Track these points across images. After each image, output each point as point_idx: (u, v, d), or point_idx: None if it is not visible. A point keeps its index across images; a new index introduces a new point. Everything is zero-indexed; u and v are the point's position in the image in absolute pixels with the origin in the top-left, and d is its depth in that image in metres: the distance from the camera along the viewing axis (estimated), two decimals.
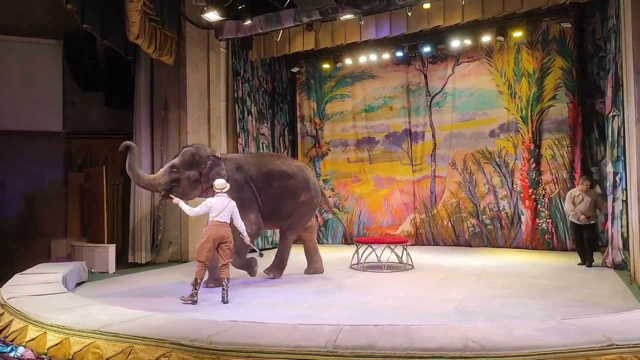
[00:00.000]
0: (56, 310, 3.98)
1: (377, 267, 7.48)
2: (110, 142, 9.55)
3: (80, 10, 6.85)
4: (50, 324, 3.64)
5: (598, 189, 8.26)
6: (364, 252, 7.73)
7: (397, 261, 7.68)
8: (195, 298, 5.25)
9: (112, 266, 7.77)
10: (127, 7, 7.17)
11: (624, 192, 6.74)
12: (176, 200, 5.81)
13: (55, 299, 4.50)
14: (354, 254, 7.83)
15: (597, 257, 7.71)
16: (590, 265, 7.20)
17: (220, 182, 5.67)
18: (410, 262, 7.65)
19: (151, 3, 7.66)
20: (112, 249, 7.85)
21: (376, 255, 7.61)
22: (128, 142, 6.08)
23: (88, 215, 8.94)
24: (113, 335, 3.33)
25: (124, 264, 8.41)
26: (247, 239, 5.73)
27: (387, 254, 7.65)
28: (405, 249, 7.74)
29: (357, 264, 7.68)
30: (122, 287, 6.55)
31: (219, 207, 5.45)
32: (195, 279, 5.33)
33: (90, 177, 8.82)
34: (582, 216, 7.22)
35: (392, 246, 7.75)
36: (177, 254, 8.77)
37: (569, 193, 7.70)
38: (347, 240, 10.02)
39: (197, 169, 6.24)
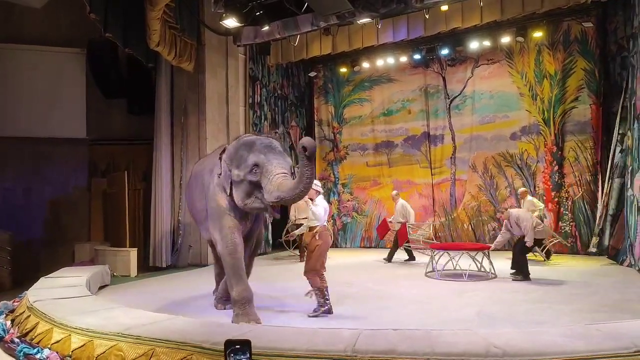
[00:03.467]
0: (80, 313, 4.06)
1: (456, 275, 6.85)
2: (133, 149, 9.78)
3: (103, 20, 7.02)
4: (74, 327, 3.71)
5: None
6: (439, 258, 7.11)
7: (476, 269, 6.93)
8: (328, 306, 4.82)
9: (134, 270, 7.89)
10: (148, 16, 7.31)
11: None
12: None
13: (80, 302, 4.59)
14: (430, 261, 7.21)
15: (614, 261, 7.54)
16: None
17: (316, 180, 5.10)
18: (493, 271, 6.86)
19: (171, 11, 7.81)
20: (133, 253, 7.98)
21: (453, 263, 6.98)
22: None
23: (111, 220, 9.12)
24: (135, 338, 3.37)
25: (145, 267, 8.53)
26: None
27: (467, 261, 6.92)
28: (487, 256, 6.98)
29: (433, 271, 7.05)
30: (143, 290, 6.65)
31: (327, 208, 5.10)
32: (320, 288, 4.81)
33: (113, 183, 9.00)
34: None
35: (472, 253, 7.04)
36: (197, 257, 8.86)
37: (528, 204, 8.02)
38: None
39: None
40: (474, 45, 9.57)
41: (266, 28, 8.53)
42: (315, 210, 4.94)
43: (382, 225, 9.40)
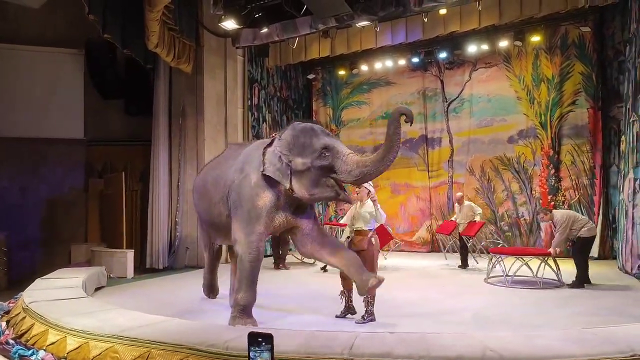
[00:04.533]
0: (76, 314, 4.04)
1: (526, 282, 6.40)
2: (130, 149, 9.76)
3: (101, 20, 7.02)
4: (70, 328, 3.69)
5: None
6: (495, 263, 6.73)
7: (532, 275, 6.43)
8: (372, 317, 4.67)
9: (130, 271, 7.87)
10: (147, 17, 7.30)
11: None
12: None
13: (75, 304, 4.57)
14: (489, 266, 6.87)
15: (612, 265, 7.57)
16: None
17: None
18: (560, 278, 6.44)
19: (170, 13, 7.81)
20: (130, 254, 7.95)
21: (530, 268, 6.43)
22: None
23: (107, 221, 9.10)
24: (131, 340, 3.36)
25: (142, 269, 8.51)
26: None
27: (527, 266, 6.44)
28: (556, 262, 6.45)
29: (493, 277, 6.77)
30: (140, 292, 6.63)
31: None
32: (373, 295, 4.63)
33: (110, 184, 8.99)
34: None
35: (543, 257, 6.43)
36: (194, 259, 8.85)
37: (454, 206, 8.42)
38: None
39: None
40: (472, 48, 9.60)
41: (265, 30, 8.54)
42: (381, 212, 4.83)
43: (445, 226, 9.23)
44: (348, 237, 5.00)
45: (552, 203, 9.16)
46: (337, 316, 4.84)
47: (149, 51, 7.98)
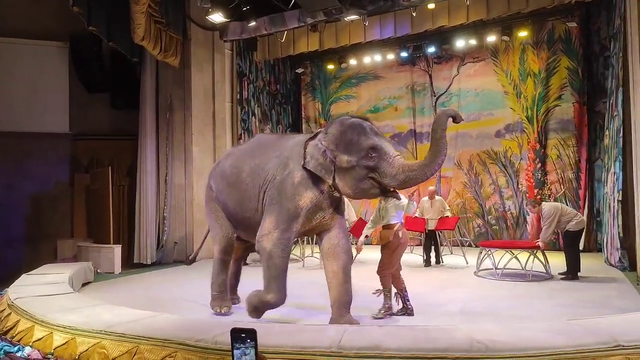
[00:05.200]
0: (63, 310, 4.00)
1: (515, 275, 6.47)
2: (116, 144, 9.65)
3: (86, 13, 6.92)
4: (56, 324, 3.65)
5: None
6: (484, 257, 6.77)
7: (521, 268, 6.51)
8: (410, 307, 4.68)
9: (117, 267, 7.80)
10: (133, 10, 7.21)
11: (620, 192, 6.83)
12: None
13: (62, 299, 4.52)
14: (479, 259, 6.88)
15: (598, 257, 7.70)
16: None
17: None
18: (548, 270, 6.48)
19: (156, 5, 7.72)
20: (117, 250, 7.89)
21: (519, 261, 6.48)
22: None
23: (94, 216, 9.00)
24: (119, 336, 3.34)
25: (130, 264, 8.45)
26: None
27: (516, 259, 6.48)
28: (545, 255, 6.52)
29: (483, 270, 6.79)
30: (128, 287, 6.58)
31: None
32: (390, 290, 4.65)
33: (96, 179, 8.88)
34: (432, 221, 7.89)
35: (532, 250, 6.46)
36: (183, 254, 8.79)
37: (420, 201, 8.23)
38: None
39: None
40: (460, 43, 9.65)
41: (253, 23, 8.49)
42: (412, 206, 4.74)
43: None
44: (367, 237, 4.99)
45: (539, 197, 9.27)
46: (393, 314, 4.70)
47: (135, 44, 7.88)
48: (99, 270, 7.51)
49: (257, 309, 4.26)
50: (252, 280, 4.77)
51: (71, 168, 9.52)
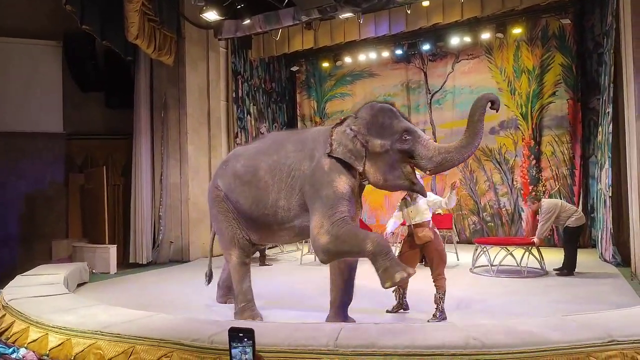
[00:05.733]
0: (58, 311, 3.98)
1: (511, 271, 6.50)
2: (111, 143, 9.61)
3: (79, 11, 6.87)
4: (52, 325, 3.64)
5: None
6: (480, 253, 6.78)
7: (516, 265, 6.50)
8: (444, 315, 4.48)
9: (113, 267, 7.77)
10: (126, 8, 7.17)
11: (610, 188, 6.89)
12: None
13: (57, 300, 4.50)
14: (474, 256, 6.90)
15: (592, 253, 7.74)
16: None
17: None
18: (543, 266, 6.56)
19: (150, 3, 7.67)
20: (113, 250, 7.86)
21: (514, 258, 6.51)
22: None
23: (89, 216, 8.96)
24: (114, 336, 3.33)
25: (125, 264, 8.42)
26: None
27: (512, 255, 6.49)
28: (540, 251, 6.58)
29: (478, 266, 6.81)
30: (123, 287, 6.56)
31: None
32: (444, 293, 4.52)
33: (91, 178, 8.84)
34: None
35: (527, 247, 6.50)
36: (179, 253, 8.79)
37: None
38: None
39: None
40: (454, 40, 9.66)
41: (247, 21, 8.45)
42: (453, 199, 4.66)
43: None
44: (392, 233, 4.93)
45: (534, 193, 9.31)
46: (388, 311, 4.72)
47: (129, 43, 7.83)
48: (94, 271, 7.49)
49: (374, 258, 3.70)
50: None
51: (65, 168, 9.46)
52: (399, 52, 10.30)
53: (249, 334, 1.95)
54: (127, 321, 3.64)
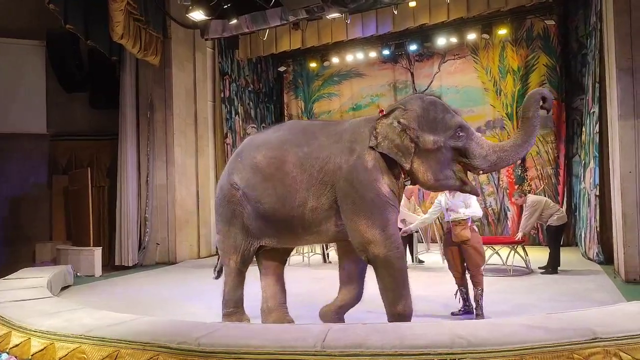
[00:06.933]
0: (41, 315, 3.91)
1: (496, 270, 6.54)
2: (95, 144, 9.50)
3: (62, 11, 6.78)
4: (34, 330, 3.57)
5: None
6: None
7: (502, 264, 6.61)
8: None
9: (98, 269, 7.68)
10: (111, 7, 7.09)
11: (597, 187, 6.98)
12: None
13: (40, 304, 4.42)
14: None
15: (576, 252, 7.84)
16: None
17: None
18: (529, 265, 6.62)
19: (135, 3, 7.60)
20: (98, 252, 7.76)
21: (500, 256, 6.59)
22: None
23: (73, 218, 8.83)
24: (99, 340, 3.27)
25: (111, 266, 8.34)
26: None
27: (497, 254, 6.58)
28: (525, 250, 6.67)
29: None
30: (108, 290, 6.49)
31: None
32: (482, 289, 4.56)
33: (75, 180, 8.72)
34: None
35: (512, 246, 6.57)
36: (165, 255, 8.71)
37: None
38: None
39: None
40: (441, 41, 9.74)
41: (234, 22, 8.41)
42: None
43: None
44: (417, 232, 4.94)
45: (521, 188, 9.40)
46: (453, 313, 4.70)
47: (114, 42, 7.75)
48: (78, 274, 7.39)
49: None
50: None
51: (49, 169, 9.34)
52: (386, 52, 10.35)
53: None
54: (112, 324, 3.58)
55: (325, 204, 3.71)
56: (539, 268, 6.59)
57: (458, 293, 4.77)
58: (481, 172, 3.70)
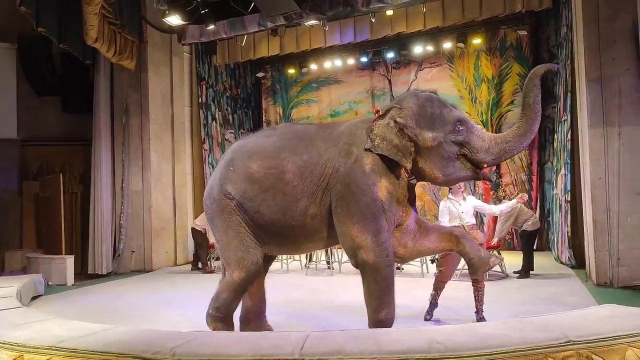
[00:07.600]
0: (9, 326, 3.78)
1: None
2: (68, 149, 9.29)
3: (34, 13, 6.62)
4: (3, 342, 3.44)
5: None
6: None
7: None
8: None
9: (70, 278, 7.48)
10: (85, 10, 6.97)
11: (569, 193, 7.17)
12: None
13: (9, 315, 4.28)
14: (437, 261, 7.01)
15: (549, 256, 8.01)
16: None
17: None
18: (504, 269, 6.72)
19: (110, 6, 7.47)
20: (70, 260, 7.56)
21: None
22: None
23: (44, 225, 8.59)
24: (70, 351, 3.18)
25: (84, 275, 8.13)
26: None
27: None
28: (500, 254, 6.46)
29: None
30: (81, 299, 6.32)
31: None
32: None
33: (47, 186, 8.49)
34: None
35: (489, 252, 6.64)
36: (141, 263, 8.54)
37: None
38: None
39: None
40: (417, 49, 9.90)
41: (212, 27, 8.35)
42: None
43: None
44: None
45: (496, 194, 9.58)
46: (426, 319, 4.74)
47: (88, 46, 7.60)
48: (50, 283, 7.18)
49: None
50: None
51: (19, 175, 9.07)
52: (364, 59, 10.45)
53: None
54: (84, 335, 3.49)
55: (324, 209, 3.65)
56: (514, 272, 6.71)
57: (431, 297, 4.83)
58: (485, 165, 3.61)
